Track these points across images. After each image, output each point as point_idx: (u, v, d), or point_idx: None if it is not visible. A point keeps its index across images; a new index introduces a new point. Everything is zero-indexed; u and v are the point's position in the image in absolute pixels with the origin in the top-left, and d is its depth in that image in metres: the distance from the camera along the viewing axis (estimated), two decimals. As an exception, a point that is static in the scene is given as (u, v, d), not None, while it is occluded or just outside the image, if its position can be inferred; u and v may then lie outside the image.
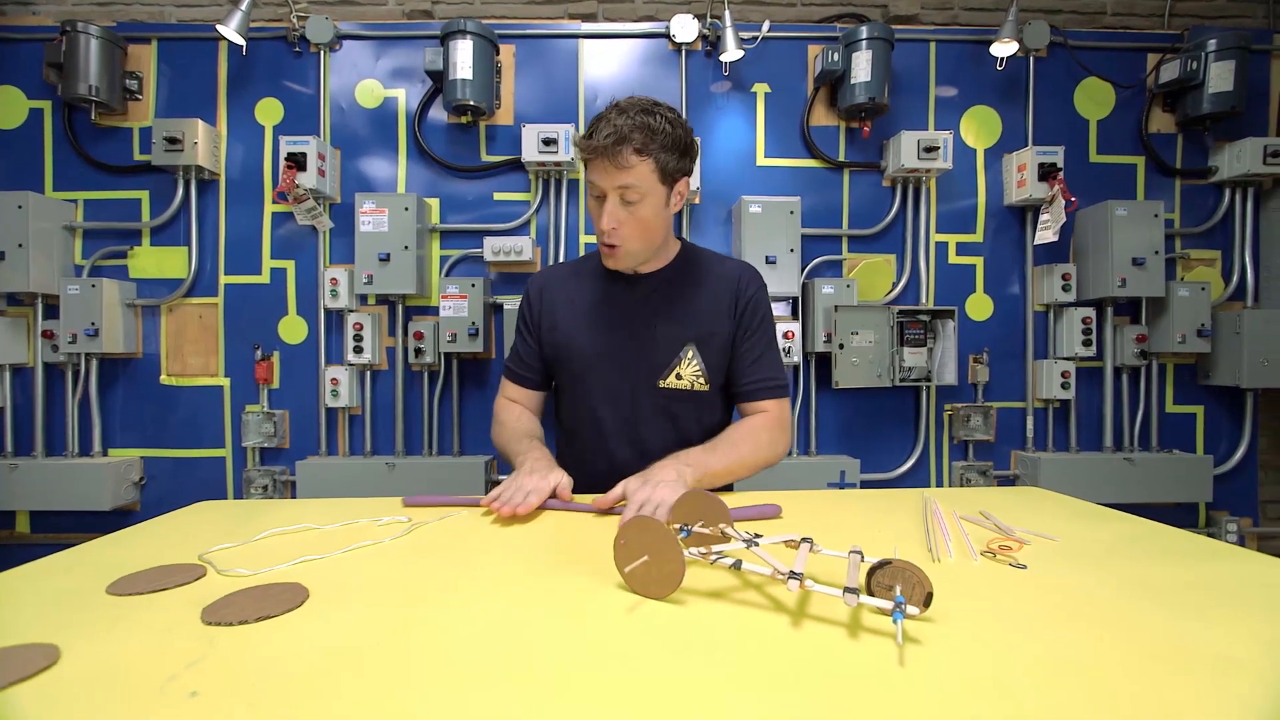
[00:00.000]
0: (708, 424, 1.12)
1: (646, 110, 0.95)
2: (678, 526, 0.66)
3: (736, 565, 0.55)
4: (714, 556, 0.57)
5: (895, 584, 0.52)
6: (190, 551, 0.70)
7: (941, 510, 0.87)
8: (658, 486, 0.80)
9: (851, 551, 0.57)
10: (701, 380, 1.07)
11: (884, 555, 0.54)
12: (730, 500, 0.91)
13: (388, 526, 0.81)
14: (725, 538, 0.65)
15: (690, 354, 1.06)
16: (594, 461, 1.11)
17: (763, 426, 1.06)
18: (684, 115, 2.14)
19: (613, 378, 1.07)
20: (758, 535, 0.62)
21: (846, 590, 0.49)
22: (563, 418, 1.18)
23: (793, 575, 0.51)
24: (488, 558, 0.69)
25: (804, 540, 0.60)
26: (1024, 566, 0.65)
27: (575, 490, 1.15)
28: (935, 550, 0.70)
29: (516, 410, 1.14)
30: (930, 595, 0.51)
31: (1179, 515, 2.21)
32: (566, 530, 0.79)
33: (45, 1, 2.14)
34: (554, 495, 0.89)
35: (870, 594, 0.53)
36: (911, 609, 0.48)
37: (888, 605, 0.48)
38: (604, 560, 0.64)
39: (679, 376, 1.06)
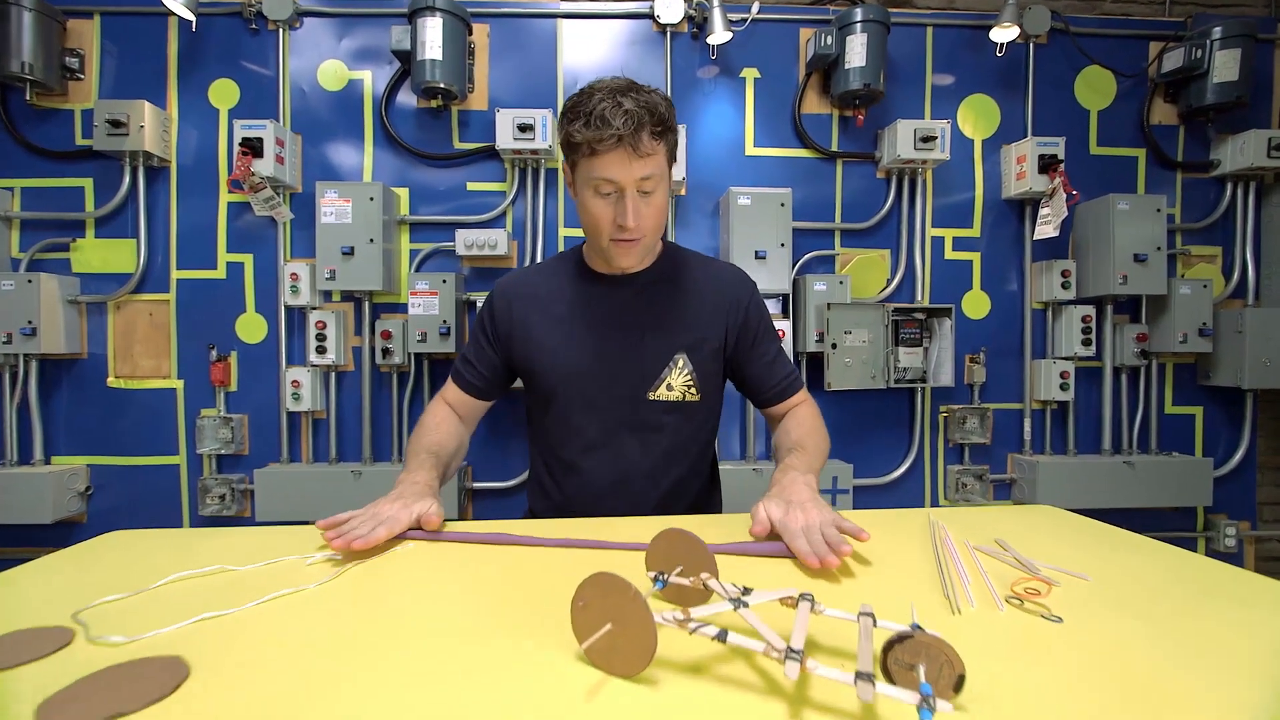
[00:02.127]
0: (696, 437, 1.04)
1: (641, 89, 0.87)
2: (653, 575, 0.56)
3: (721, 637, 0.45)
4: (693, 625, 0.46)
5: (918, 662, 0.42)
6: (70, 603, 0.59)
7: (953, 540, 0.77)
8: (807, 509, 0.72)
9: (862, 613, 0.46)
10: (693, 390, 0.99)
11: (894, 603, 0.44)
12: (737, 531, 0.81)
13: (317, 566, 0.70)
14: (707, 591, 0.54)
15: (681, 362, 0.98)
16: (573, 482, 1.02)
17: (812, 416, 1.01)
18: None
19: (597, 391, 0.97)
20: (746, 590, 0.52)
21: (859, 677, 0.39)
22: (537, 435, 1.07)
23: (791, 654, 0.41)
24: (426, 611, 0.58)
25: (802, 597, 0.50)
26: (1059, 619, 0.55)
27: (554, 514, 1.04)
28: (954, 598, 0.60)
29: (440, 416, 1.02)
30: (962, 679, 0.40)
31: (1176, 519, 2.15)
32: (523, 573, 0.68)
33: (-24, -29, 1.97)
34: (418, 526, 0.77)
35: (886, 671, 0.43)
36: (942, 705, 0.38)
37: (911, 699, 0.37)
38: (566, 615, 0.53)
39: (669, 387, 0.97)
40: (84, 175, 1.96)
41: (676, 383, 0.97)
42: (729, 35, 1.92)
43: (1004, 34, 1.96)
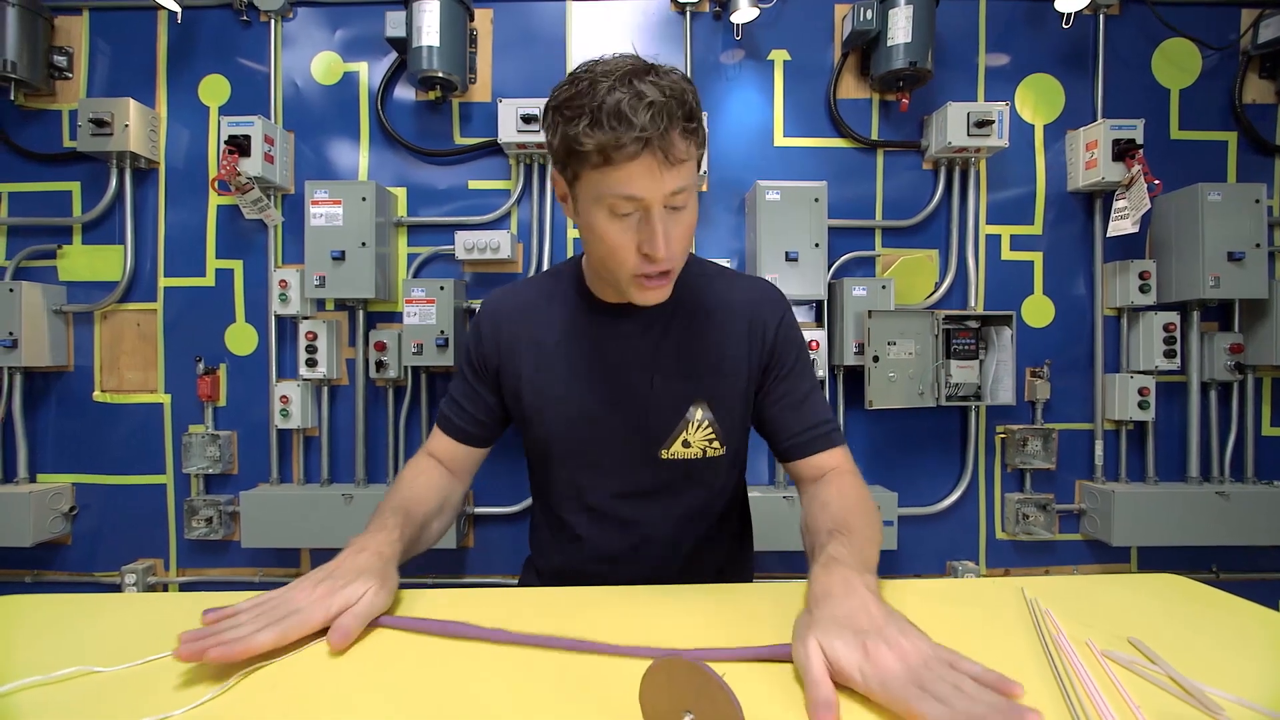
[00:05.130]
0: (720, 499, 0.86)
1: (659, 70, 0.64)
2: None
3: None
4: None
5: None
6: None
7: (1070, 643, 0.56)
8: (890, 636, 0.47)
9: None
10: (715, 444, 0.80)
11: None
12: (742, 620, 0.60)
13: (201, 671, 0.52)
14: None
15: (699, 415, 0.79)
16: (577, 549, 0.85)
17: (857, 487, 0.76)
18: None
19: (599, 448, 0.80)
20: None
21: None
22: (536, 490, 0.92)
23: None
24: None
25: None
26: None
27: (556, 575, 0.87)
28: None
29: (420, 468, 0.83)
30: None
31: (1277, 558, 1.86)
32: (488, 684, 0.49)
33: (-33, -31, 1.90)
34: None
35: None
36: None
37: None
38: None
39: (686, 444, 0.79)
40: (71, 179, 1.86)
41: (695, 438, 0.79)
42: (755, 13, 1.73)
43: (1072, 3, 1.72)
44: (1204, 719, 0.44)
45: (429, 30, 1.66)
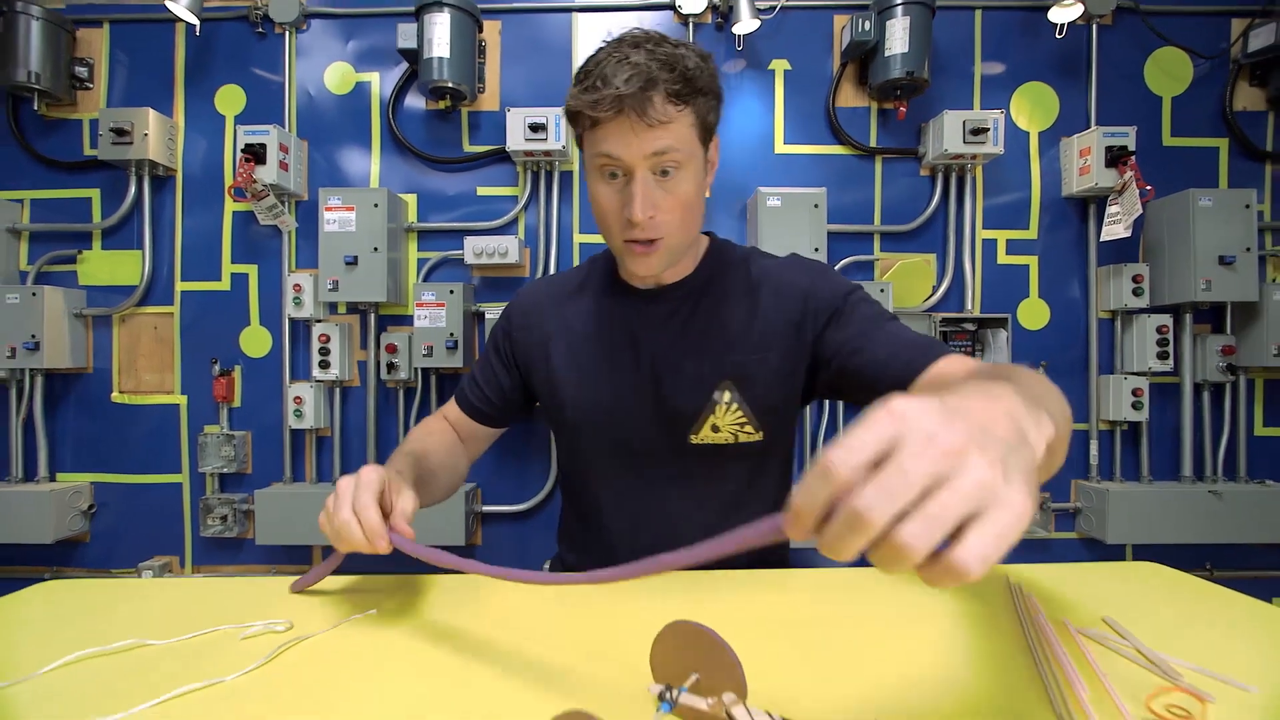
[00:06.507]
0: (758, 491, 0.84)
1: (666, 41, 0.68)
2: (657, 691, 0.41)
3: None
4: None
5: None
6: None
7: (1048, 621, 0.60)
8: (977, 424, 0.28)
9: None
10: (748, 428, 0.78)
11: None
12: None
13: (254, 641, 0.57)
14: (731, 724, 0.39)
15: (727, 397, 0.78)
16: (605, 540, 0.85)
17: (1009, 365, 0.59)
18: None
19: (629, 432, 0.80)
20: (787, 727, 0.37)
21: None
22: (565, 481, 0.92)
23: None
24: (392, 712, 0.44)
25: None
26: (1240, 776, 0.39)
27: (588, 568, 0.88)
28: (1068, 718, 0.43)
29: (432, 427, 0.88)
30: None
31: (1267, 555, 1.90)
32: (520, 639, 0.53)
33: (-9, -17, 1.96)
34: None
35: None
36: None
37: None
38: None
39: (715, 428, 0.78)
40: (91, 186, 1.92)
41: (724, 422, 0.78)
42: (756, 23, 1.78)
43: (1065, 14, 1.77)
44: (1163, 684, 0.49)
45: (439, 42, 1.71)
